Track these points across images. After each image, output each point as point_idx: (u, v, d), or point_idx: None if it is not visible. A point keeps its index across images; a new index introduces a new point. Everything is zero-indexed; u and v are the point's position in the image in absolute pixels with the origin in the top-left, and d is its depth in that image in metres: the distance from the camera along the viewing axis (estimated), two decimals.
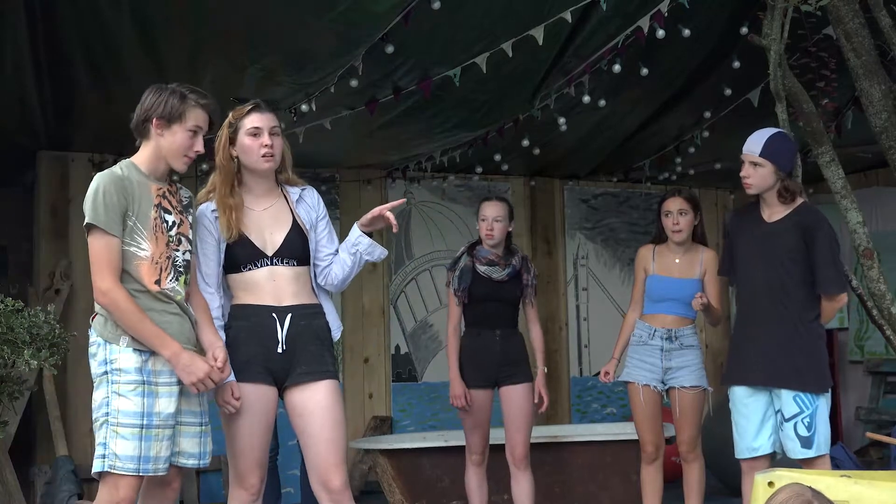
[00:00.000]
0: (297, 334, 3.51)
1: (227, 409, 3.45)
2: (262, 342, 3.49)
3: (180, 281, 3.35)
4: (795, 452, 3.95)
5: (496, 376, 4.88)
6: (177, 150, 3.36)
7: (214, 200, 3.57)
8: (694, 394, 4.83)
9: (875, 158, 6.79)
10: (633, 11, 4.86)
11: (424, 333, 7.59)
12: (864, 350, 7.99)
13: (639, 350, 4.91)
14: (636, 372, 4.90)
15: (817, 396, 3.97)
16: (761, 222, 4.14)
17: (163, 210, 3.36)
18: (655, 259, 4.96)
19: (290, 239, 3.55)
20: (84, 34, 4.68)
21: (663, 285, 4.89)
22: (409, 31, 4.60)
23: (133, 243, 3.28)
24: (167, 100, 3.32)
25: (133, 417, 3.20)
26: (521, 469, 4.84)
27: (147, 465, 3.21)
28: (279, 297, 3.51)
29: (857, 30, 4.92)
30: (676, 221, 4.86)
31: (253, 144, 3.52)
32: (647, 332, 4.89)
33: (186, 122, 3.33)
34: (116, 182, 3.27)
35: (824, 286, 4.00)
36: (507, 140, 6.39)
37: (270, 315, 3.50)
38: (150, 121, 3.33)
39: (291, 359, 3.50)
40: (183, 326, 3.34)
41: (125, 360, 3.23)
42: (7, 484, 5.51)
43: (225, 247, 3.53)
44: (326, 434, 3.47)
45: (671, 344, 4.85)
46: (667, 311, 4.88)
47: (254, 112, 3.56)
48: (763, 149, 4.03)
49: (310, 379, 3.50)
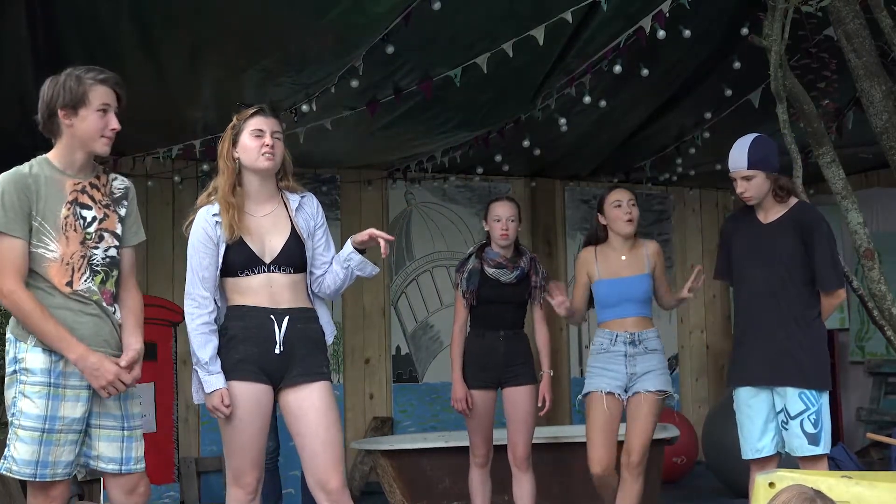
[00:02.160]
0: (294, 336, 3.53)
1: (217, 415, 3.48)
2: (259, 343, 3.51)
3: (96, 280, 3.24)
4: (802, 449, 3.95)
5: (500, 377, 4.87)
6: (92, 133, 3.22)
7: (216, 202, 3.57)
8: (658, 398, 4.60)
9: (876, 159, 6.78)
10: (635, 12, 4.86)
11: (425, 334, 7.58)
12: (865, 351, 8.00)
13: (600, 359, 4.66)
14: (598, 381, 4.63)
15: (821, 394, 3.98)
16: (758, 223, 4.16)
17: (79, 206, 3.23)
18: (599, 262, 4.73)
19: (287, 247, 3.57)
20: (84, 34, 4.68)
21: (615, 289, 4.68)
22: (410, 32, 4.60)
23: (40, 244, 3.17)
24: (65, 86, 3.20)
25: (35, 421, 3.10)
26: (522, 470, 4.83)
27: (45, 469, 3.12)
28: (276, 301, 3.54)
29: (857, 30, 4.92)
30: (629, 212, 4.68)
31: (254, 144, 3.54)
32: (609, 339, 4.65)
33: (92, 103, 3.21)
34: (18, 182, 3.17)
35: (824, 283, 4.02)
36: (507, 140, 6.38)
37: (269, 317, 3.52)
38: (56, 113, 3.20)
39: (288, 360, 3.53)
40: (100, 328, 3.23)
41: (32, 360, 3.14)
42: (8, 485, 5.51)
43: (224, 250, 3.52)
44: (322, 435, 3.49)
45: (635, 348, 4.62)
46: (625, 314, 4.67)
47: (258, 115, 3.60)
48: (749, 160, 4.05)
49: (304, 380, 3.52)
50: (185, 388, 6.79)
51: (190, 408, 6.81)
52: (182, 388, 6.79)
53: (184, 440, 6.76)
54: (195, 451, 6.82)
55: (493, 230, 4.89)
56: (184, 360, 6.82)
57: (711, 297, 8.61)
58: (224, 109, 5.51)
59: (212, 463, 6.79)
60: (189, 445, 6.80)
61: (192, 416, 6.83)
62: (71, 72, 3.24)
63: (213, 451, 6.82)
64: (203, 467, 6.78)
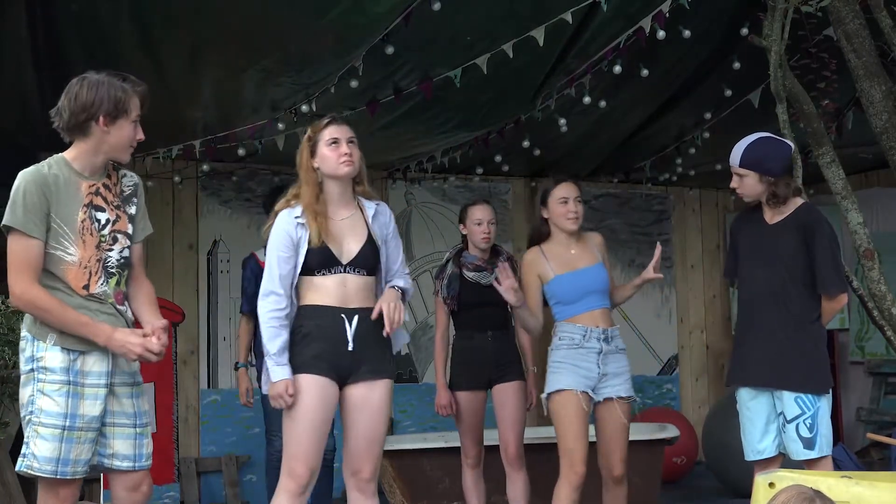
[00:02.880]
0: (364, 335, 3.71)
1: (279, 403, 3.59)
2: (332, 340, 3.67)
3: (111, 283, 3.27)
4: (798, 454, 3.95)
5: (489, 377, 4.88)
6: (124, 143, 3.25)
7: (300, 207, 3.72)
8: (626, 405, 4.39)
9: (876, 159, 6.79)
10: (635, 13, 4.86)
11: (425, 335, 7.58)
12: (865, 351, 8.00)
13: (571, 355, 4.34)
14: (570, 378, 4.30)
15: (819, 397, 3.97)
16: (763, 224, 4.14)
17: (94, 209, 3.24)
18: (550, 260, 4.45)
19: (364, 251, 3.76)
20: (84, 34, 4.68)
21: (576, 281, 4.42)
22: (410, 32, 4.60)
23: (59, 247, 3.17)
24: (110, 94, 3.19)
25: (56, 418, 3.11)
26: (515, 469, 4.82)
27: (66, 467, 3.12)
28: (346, 301, 3.71)
29: (857, 31, 4.93)
30: (574, 210, 4.45)
31: (332, 154, 3.74)
32: (581, 334, 4.35)
33: (131, 114, 3.24)
34: (39, 181, 3.16)
35: (825, 286, 3.99)
36: (507, 141, 6.39)
37: (340, 315, 3.69)
38: (95, 118, 3.18)
39: (358, 358, 3.70)
40: (116, 326, 3.25)
41: (51, 359, 3.14)
42: (8, 485, 5.51)
43: (305, 252, 3.67)
44: (372, 431, 3.71)
45: (608, 346, 4.37)
46: (592, 306, 4.40)
47: (331, 125, 3.79)
48: (742, 159, 4.03)
49: (373, 377, 3.71)
50: (185, 388, 6.80)
51: (190, 408, 6.82)
52: (182, 388, 6.80)
53: (184, 440, 6.77)
54: (195, 451, 6.82)
55: (473, 234, 4.87)
56: (184, 360, 6.83)
57: (711, 297, 8.61)
58: (224, 109, 5.52)
59: (212, 463, 6.80)
60: (189, 445, 6.80)
61: (192, 416, 6.83)
62: (110, 80, 3.23)
63: (212, 451, 6.83)
64: (203, 467, 6.78)
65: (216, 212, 6.97)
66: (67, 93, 3.23)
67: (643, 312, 8.30)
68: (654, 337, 8.33)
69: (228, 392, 6.84)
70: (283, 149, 5.67)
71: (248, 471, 6.86)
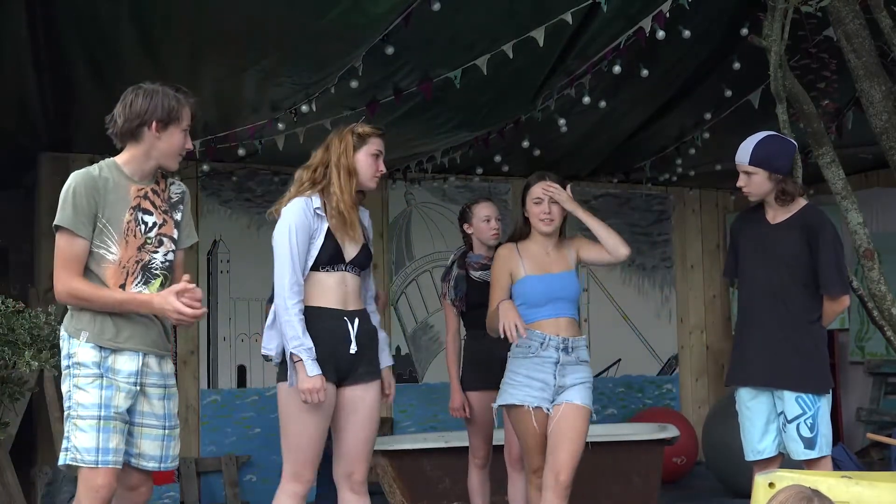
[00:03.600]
0: (364, 336, 3.76)
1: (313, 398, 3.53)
2: (335, 344, 3.68)
3: (152, 285, 3.34)
4: (799, 454, 3.95)
5: (500, 377, 4.86)
6: (174, 150, 3.39)
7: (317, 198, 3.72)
8: (582, 409, 4.08)
9: (875, 159, 6.79)
10: (635, 13, 4.86)
11: (425, 335, 7.58)
12: (865, 351, 7.99)
13: (525, 364, 4.10)
14: (524, 392, 4.08)
15: (819, 397, 3.97)
16: (765, 224, 4.14)
17: (141, 212, 3.36)
18: (524, 259, 4.22)
19: (362, 251, 3.82)
20: (84, 35, 4.68)
21: (545, 285, 4.16)
22: (410, 33, 4.60)
23: (102, 245, 3.28)
24: (163, 102, 3.32)
25: (91, 409, 3.20)
26: (517, 469, 4.81)
27: (107, 456, 3.20)
28: (346, 302, 3.74)
29: (857, 31, 4.92)
30: (548, 210, 4.22)
31: (372, 164, 3.81)
32: (538, 341, 4.09)
33: (182, 123, 3.37)
34: (89, 183, 3.27)
35: (828, 287, 3.99)
36: (507, 141, 6.39)
37: (343, 318, 3.71)
38: (148, 124, 3.31)
39: (357, 359, 3.73)
40: (149, 329, 3.34)
41: (84, 355, 3.24)
42: (8, 485, 5.51)
43: (321, 243, 3.69)
44: (366, 432, 3.75)
45: (567, 356, 4.11)
46: (557, 314, 4.14)
47: (379, 137, 3.84)
48: (752, 157, 4.02)
49: (368, 378, 3.76)
50: (185, 388, 6.80)
51: (190, 408, 6.82)
52: (182, 388, 6.79)
53: (184, 440, 6.75)
54: (195, 451, 6.82)
55: (482, 231, 4.81)
56: (184, 360, 6.83)
57: (711, 297, 8.62)
58: (224, 109, 5.52)
59: (212, 463, 6.80)
60: (189, 445, 6.80)
61: (192, 416, 6.83)
62: (164, 89, 3.34)
63: (212, 451, 6.83)
64: (203, 467, 6.78)
65: (216, 212, 6.97)
66: (123, 100, 3.35)
67: (643, 312, 8.31)
68: (654, 337, 8.33)
69: (228, 392, 6.84)
70: (283, 149, 5.67)
71: (247, 471, 6.86)
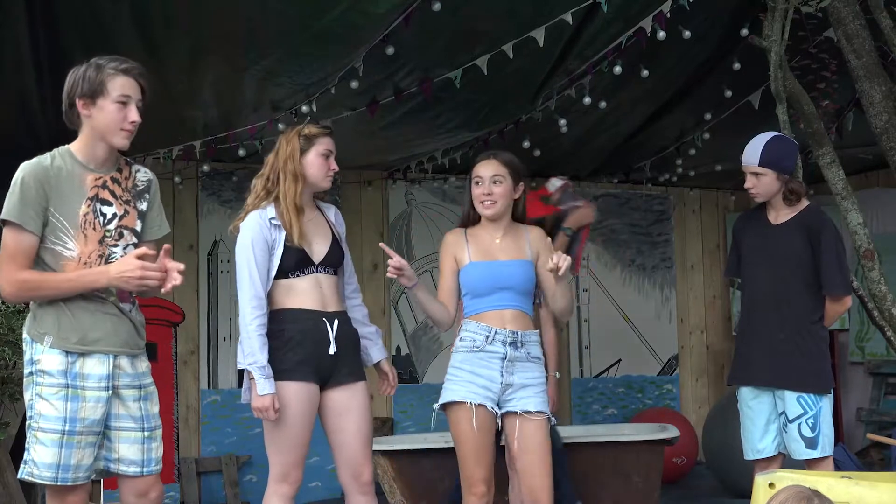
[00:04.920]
0: (343, 337, 3.74)
1: (264, 416, 3.56)
2: (315, 345, 3.67)
3: None
4: (800, 453, 3.95)
5: None
6: (109, 124, 3.12)
7: (272, 208, 3.70)
8: (539, 420, 3.74)
9: (876, 160, 6.79)
10: (635, 14, 4.86)
11: (425, 335, 7.58)
12: (865, 351, 7.99)
13: (470, 359, 3.74)
14: (464, 389, 3.72)
15: (820, 397, 3.97)
16: (767, 224, 4.15)
17: (99, 202, 3.15)
18: (470, 243, 3.86)
19: (332, 249, 3.78)
20: (84, 34, 4.68)
21: (489, 273, 3.80)
22: (410, 33, 4.60)
23: (58, 241, 3.09)
24: (83, 75, 3.11)
25: (54, 423, 3.03)
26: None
27: (66, 473, 3.04)
28: (325, 304, 3.72)
29: (857, 31, 4.93)
30: (489, 192, 3.81)
31: (324, 164, 3.77)
32: (484, 335, 3.73)
33: (111, 94, 3.10)
34: (39, 174, 3.08)
35: (830, 288, 4.00)
36: (507, 141, 6.38)
37: (321, 319, 3.69)
38: (75, 104, 3.12)
39: (338, 360, 3.71)
40: (118, 327, 3.16)
41: (49, 362, 3.06)
42: (8, 485, 5.51)
43: (281, 252, 3.66)
44: (364, 432, 3.75)
45: (516, 352, 3.74)
46: (502, 304, 3.78)
47: (328, 136, 3.81)
48: (761, 158, 4.03)
49: (352, 379, 3.75)
50: (185, 388, 6.80)
51: (190, 408, 6.82)
52: (182, 388, 6.80)
53: (184, 440, 6.77)
54: (195, 451, 6.82)
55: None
56: (184, 360, 6.83)
57: (711, 298, 8.61)
58: (224, 109, 5.52)
59: (212, 463, 6.79)
60: (189, 445, 6.80)
61: (192, 416, 6.83)
62: (93, 61, 3.14)
63: (212, 451, 6.82)
64: (203, 467, 6.78)
65: (216, 212, 6.97)
66: None
67: (643, 313, 8.31)
68: (655, 337, 8.33)
69: (228, 392, 6.84)
70: None
71: (248, 471, 6.86)
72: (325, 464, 5.90)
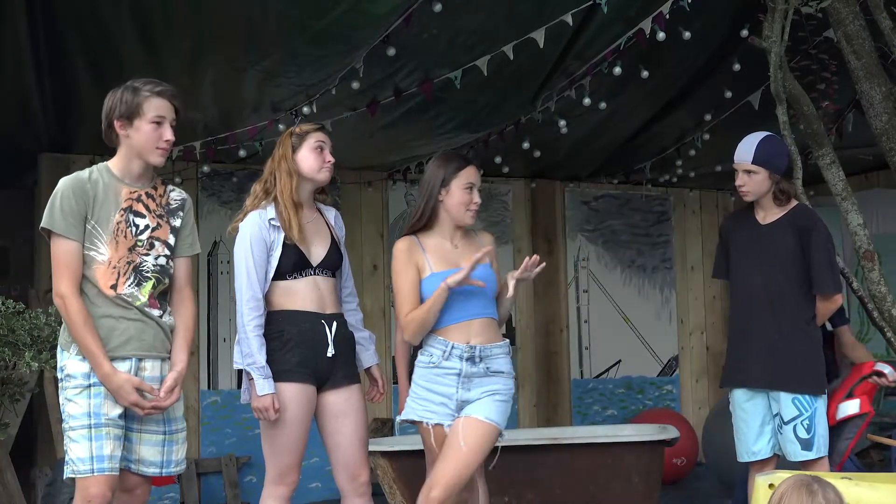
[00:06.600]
0: (341, 340, 3.76)
1: (263, 416, 3.59)
2: (313, 346, 3.69)
3: (143, 287, 3.34)
4: (796, 455, 3.95)
5: None
6: (146, 143, 3.32)
7: (268, 207, 3.72)
8: (485, 425, 3.54)
9: (876, 160, 6.78)
10: (635, 15, 4.86)
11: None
12: None
13: (426, 376, 3.63)
14: (422, 408, 3.62)
15: (815, 398, 3.97)
16: (756, 224, 4.15)
17: (132, 214, 3.35)
18: (427, 252, 3.68)
19: (331, 252, 3.79)
20: (84, 35, 4.68)
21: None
22: (411, 34, 4.60)
23: (92, 247, 3.28)
24: (121, 98, 3.31)
25: (81, 419, 3.21)
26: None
27: (102, 463, 3.19)
28: (323, 306, 3.74)
29: (857, 32, 4.92)
30: (478, 201, 3.72)
31: (318, 157, 3.77)
32: (441, 350, 3.60)
33: (147, 114, 3.30)
34: (76, 186, 3.28)
35: (820, 286, 4.01)
36: (507, 142, 6.39)
37: (320, 321, 3.71)
38: (112, 125, 3.32)
39: (336, 363, 3.73)
40: (143, 332, 3.32)
41: (73, 367, 3.25)
42: (8, 486, 5.51)
43: (280, 253, 3.67)
44: (360, 434, 3.76)
45: (473, 367, 3.58)
46: (470, 315, 3.63)
47: (319, 131, 3.83)
48: (755, 156, 4.04)
49: (348, 382, 3.76)
50: (185, 388, 6.78)
51: (190, 408, 6.81)
52: (182, 388, 6.78)
53: None
54: (195, 451, 6.82)
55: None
56: None
57: (711, 298, 8.62)
58: (224, 110, 5.52)
59: (212, 464, 6.79)
60: (189, 446, 6.75)
61: (192, 416, 6.83)
62: (129, 84, 3.33)
63: (212, 451, 6.83)
64: (203, 468, 6.78)
65: (216, 213, 6.97)
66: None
67: (643, 314, 8.31)
68: (655, 338, 8.33)
69: (228, 393, 6.84)
70: None
71: (248, 471, 6.86)
72: (325, 464, 5.87)
